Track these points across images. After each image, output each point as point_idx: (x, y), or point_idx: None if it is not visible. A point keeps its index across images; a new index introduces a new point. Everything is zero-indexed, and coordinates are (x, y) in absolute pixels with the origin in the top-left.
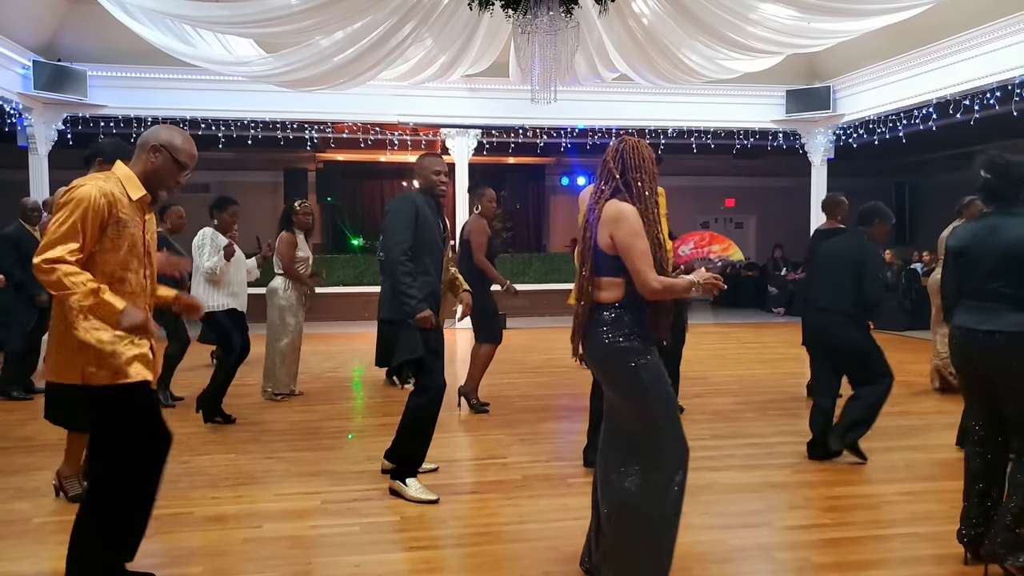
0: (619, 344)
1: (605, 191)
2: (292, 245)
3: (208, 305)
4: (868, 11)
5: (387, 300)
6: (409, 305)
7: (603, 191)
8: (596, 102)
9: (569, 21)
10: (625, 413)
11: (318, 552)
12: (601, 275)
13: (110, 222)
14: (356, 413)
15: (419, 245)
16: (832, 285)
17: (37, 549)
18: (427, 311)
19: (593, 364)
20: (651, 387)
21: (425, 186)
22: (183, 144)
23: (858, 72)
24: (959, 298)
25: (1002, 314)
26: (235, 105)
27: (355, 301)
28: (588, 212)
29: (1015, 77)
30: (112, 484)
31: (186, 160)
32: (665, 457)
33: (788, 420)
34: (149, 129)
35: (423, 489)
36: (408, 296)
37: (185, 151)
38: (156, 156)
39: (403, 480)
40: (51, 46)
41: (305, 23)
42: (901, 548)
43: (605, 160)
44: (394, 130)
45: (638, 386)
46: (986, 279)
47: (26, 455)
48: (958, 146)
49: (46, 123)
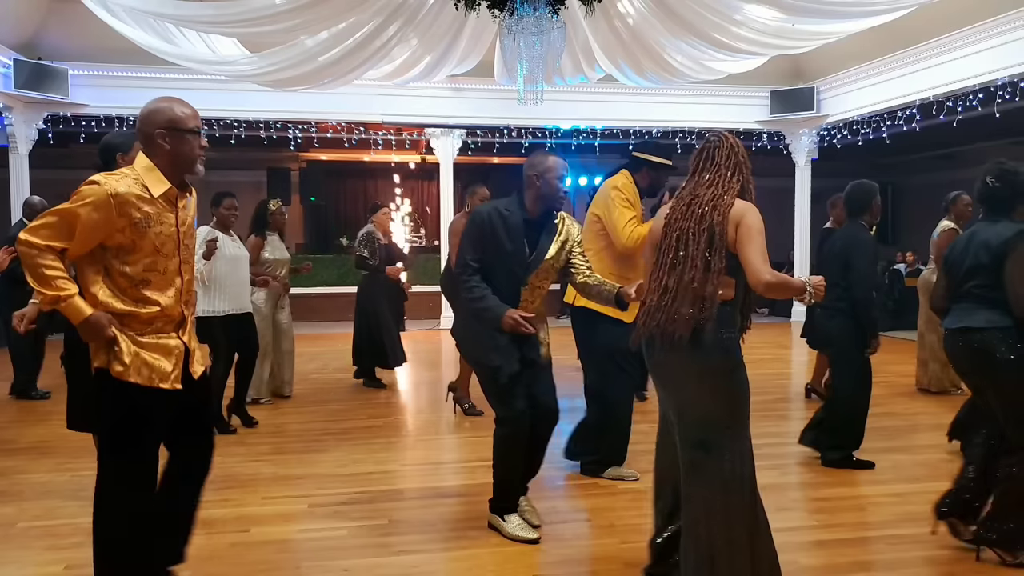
0: (729, 339)
1: (720, 191)
2: (258, 249)
3: (200, 309)
4: (852, 13)
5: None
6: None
7: (718, 191)
8: (581, 102)
9: (555, 22)
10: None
11: (306, 556)
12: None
13: (121, 227)
14: (341, 415)
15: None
16: (842, 285)
17: (21, 555)
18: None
19: (697, 361)
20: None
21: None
22: (183, 110)
23: (842, 73)
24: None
25: (975, 312)
26: (218, 104)
27: (338, 301)
28: (693, 213)
29: (997, 79)
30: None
31: (195, 124)
32: (730, 452)
33: (774, 421)
34: (142, 116)
35: (524, 526)
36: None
37: (189, 115)
38: (167, 140)
39: (501, 515)
40: (32, 44)
41: (290, 23)
42: (888, 550)
43: (715, 160)
44: (378, 130)
45: (736, 382)
46: (963, 281)
47: (9, 458)
48: (941, 147)
49: (27, 122)
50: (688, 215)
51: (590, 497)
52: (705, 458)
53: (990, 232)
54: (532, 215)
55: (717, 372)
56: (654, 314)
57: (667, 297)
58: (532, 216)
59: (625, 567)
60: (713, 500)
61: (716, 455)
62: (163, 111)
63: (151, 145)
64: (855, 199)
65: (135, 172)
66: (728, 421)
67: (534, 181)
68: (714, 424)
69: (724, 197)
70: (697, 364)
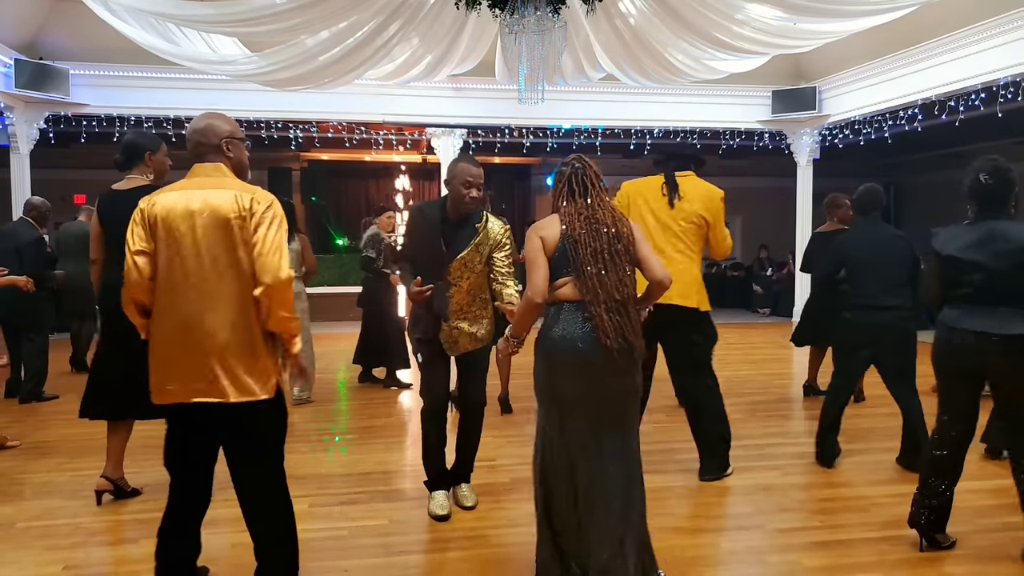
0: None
1: (612, 209)
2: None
3: None
4: (854, 12)
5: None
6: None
7: (610, 209)
8: (582, 102)
9: (557, 21)
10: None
11: (306, 556)
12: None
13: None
14: (341, 416)
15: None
16: (891, 282)
17: (21, 555)
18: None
19: (634, 361)
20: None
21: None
22: (229, 120)
23: (844, 73)
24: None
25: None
26: (219, 104)
27: (340, 301)
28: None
29: (1000, 78)
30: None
31: (240, 132)
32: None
33: (777, 421)
34: (195, 130)
35: (441, 504)
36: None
37: (233, 122)
38: (231, 148)
39: (429, 491)
40: (33, 44)
41: (290, 22)
42: (891, 551)
43: (588, 184)
44: (379, 129)
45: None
46: (996, 283)
47: (8, 458)
48: (943, 147)
49: (28, 122)
50: (598, 233)
51: None
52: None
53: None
54: (452, 215)
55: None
56: (622, 323)
57: (623, 309)
58: (452, 216)
59: None
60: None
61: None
62: (221, 120)
63: (218, 156)
64: (875, 199)
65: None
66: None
67: (447, 184)
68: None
69: (616, 213)
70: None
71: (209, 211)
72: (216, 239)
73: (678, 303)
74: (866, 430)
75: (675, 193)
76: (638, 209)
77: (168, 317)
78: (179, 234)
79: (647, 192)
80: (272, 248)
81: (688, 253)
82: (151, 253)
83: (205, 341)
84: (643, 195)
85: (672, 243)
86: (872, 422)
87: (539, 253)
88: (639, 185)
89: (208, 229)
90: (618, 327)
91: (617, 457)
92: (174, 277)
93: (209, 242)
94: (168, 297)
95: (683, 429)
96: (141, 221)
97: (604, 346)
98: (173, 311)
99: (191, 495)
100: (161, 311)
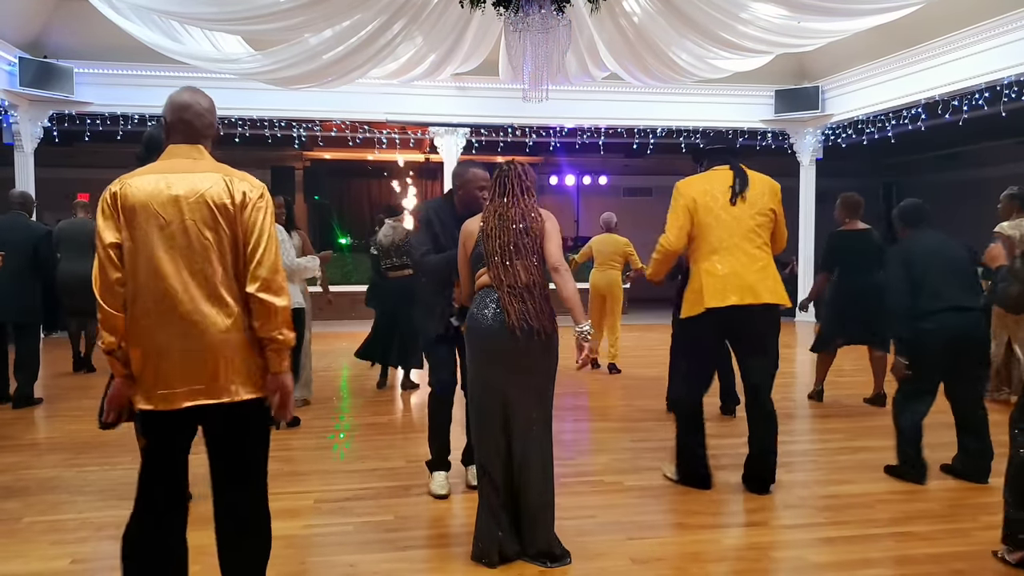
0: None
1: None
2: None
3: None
4: (858, 11)
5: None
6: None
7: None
8: (585, 101)
9: (561, 19)
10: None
11: (312, 552)
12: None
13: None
14: (347, 412)
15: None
16: (965, 285)
17: (27, 549)
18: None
19: (546, 337)
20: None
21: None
22: (207, 96)
23: (847, 72)
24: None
25: None
26: (223, 103)
27: (343, 300)
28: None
29: (1003, 78)
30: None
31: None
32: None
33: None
34: (180, 105)
35: (442, 484)
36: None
37: (210, 99)
38: (217, 128)
39: (431, 471)
40: (37, 43)
41: (294, 20)
42: (896, 547)
43: (508, 186)
44: (382, 128)
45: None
46: None
47: (14, 454)
48: (946, 146)
49: (32, 120)
50: (506, 228)
51: (595, 494)
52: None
53: None
54: (460, 214)
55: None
56: (523, 308)
57: (526, 294)
58: (460, 215)
59: (631, 563)
60: None
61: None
62: (200, 98)
63: (205, 135)
64: (924, 211)
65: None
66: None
67: (457, 189)
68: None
69: (529, 212)
70: (551, 346)
71: (197, 197)
72: (207, 228)
73: (770, 301)
74: (869, 428)
75: (745, 187)
76: (708, 210)
77: (158, 314)
78: (165, 223)
79: (713, 189)
80: (267, 241)
81: (765, 248)
82: (122, 244)
83: (205, 336)
84: (709, 193)
85: (750, 239)
86: (875, 420)
87: (460, 247)
88: (700, 183)
89: (198, 217)
90: (519, 310)
91: (534, 426)
92: (163, 270)
93: (200, 232)
94: (156, 293)
95: None
96: (112, 208)
97: (508, 325)
98: (164, 308)
99: (172, 501)
100: (146, 310)
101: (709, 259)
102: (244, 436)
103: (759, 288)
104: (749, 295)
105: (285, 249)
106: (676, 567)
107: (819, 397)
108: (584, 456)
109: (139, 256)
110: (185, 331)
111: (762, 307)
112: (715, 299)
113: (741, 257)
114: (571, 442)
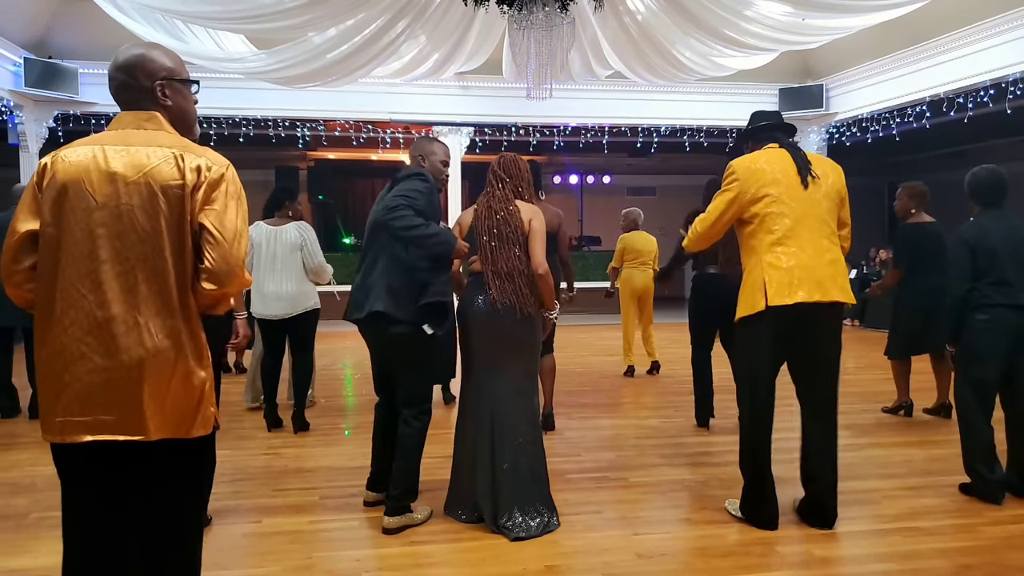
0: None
1: (505, 201)
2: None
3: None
4: (863, 7)
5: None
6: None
7: (503, 201)
8: (589, 100)
9: (565, 17)
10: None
11: (318, 547)
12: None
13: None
14: (351, 410)
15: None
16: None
17: (35, 544)
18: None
19: (525, 315)
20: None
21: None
22: (172, 55)
23: (851, 70)
24: None
25: None
26: (226, 103)
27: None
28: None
29: (1008, 75)
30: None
31: (185, 71)
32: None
33: (782, 416)
34: (118, 66)
35: (423, 509)
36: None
37: (177, 58)
38: (168, 93)
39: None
40: (42, 43)
41: (298, 19)
42: (902, 542)
43: (491, 179)
44: (386, 128)
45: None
46: None
47: (22, 451)
48: (952, 144)
49: (37, 120)
50: (492, 217)
51: (602, 489)
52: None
53: None
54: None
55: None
56: (502, 286)
57: (507, 278)
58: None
59: (637, 558)
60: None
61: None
62: (157, 51)
63: (147, 98)
64: (1003, 182)
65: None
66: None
67: (424, 160)
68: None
69: (508, 206)
70: (532, 324)
71: (138, 175)
72: (147, 214)
73: (839, 299)
74: (874, 424)
75: (809, 167)
76: (775, 198)
77: (72, 319)
78: (93, 205)
79: (776, 171)
80: (231, 232)
81: (834, 238)
82: (39, 231)
83: (129, 352)
84: (773, 175)
85: (820, 229)
86: (883, 416)
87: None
88: (758, 162)
89: (136, 200)
90: (500, 287)
91: (515, 395)
92: (83, 266)
93: (137, 218)
94: (72, 293)
95: (690, 422)
96: (36, 186)
97: (493, 303)
98: (80, 312)
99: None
100: (58, 311)
101: (772, 250)
102: (162, 487)
103: (828, 284)
104: (818, 291)
105: (315, 249)
106: (682, 562)
107: (909, 411)
108: (590, 452)
109: (61, 244)
110: (103, 344)
111: (829, 305)
112: (780, 296)
113: (808, 248)
114: (576, 439)
